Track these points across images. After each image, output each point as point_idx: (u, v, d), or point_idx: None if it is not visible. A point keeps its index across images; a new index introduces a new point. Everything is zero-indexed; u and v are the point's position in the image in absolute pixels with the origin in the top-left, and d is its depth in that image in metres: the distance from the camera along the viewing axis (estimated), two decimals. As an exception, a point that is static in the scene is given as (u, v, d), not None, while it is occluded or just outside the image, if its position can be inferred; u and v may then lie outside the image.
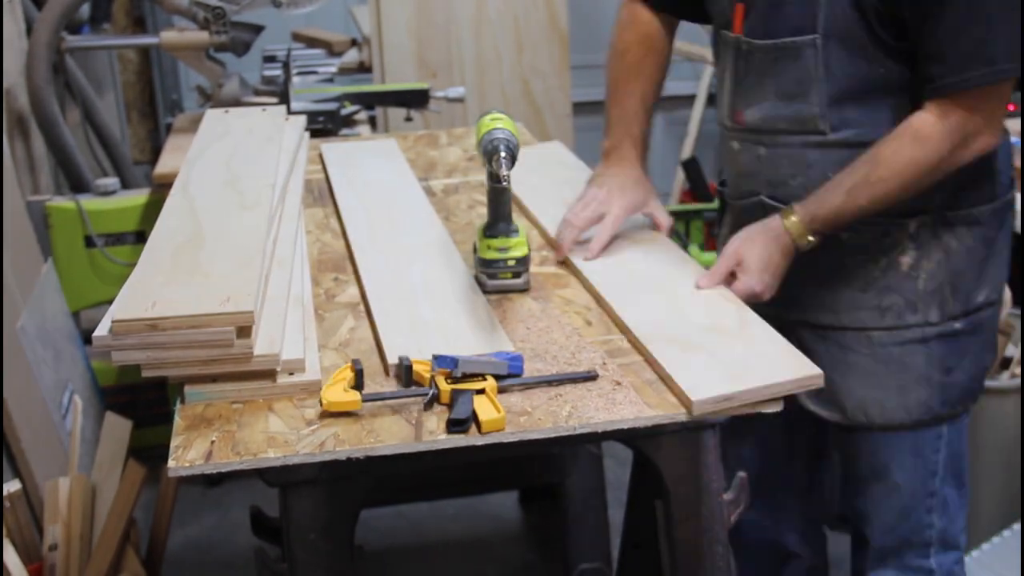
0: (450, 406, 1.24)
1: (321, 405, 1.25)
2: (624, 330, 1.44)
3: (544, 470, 2.22)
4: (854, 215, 1.49)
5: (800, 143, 1.56)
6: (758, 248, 1.51)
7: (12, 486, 1.98)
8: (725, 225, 1.80)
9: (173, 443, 1.21)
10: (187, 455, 1.19)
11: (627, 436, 1.29)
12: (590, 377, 1.32)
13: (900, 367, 1.59)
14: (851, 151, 1.51)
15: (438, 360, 1.27)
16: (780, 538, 1.94)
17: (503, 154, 1.44)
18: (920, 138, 1.43)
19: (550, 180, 2.00)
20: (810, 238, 1.51)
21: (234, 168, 1.78)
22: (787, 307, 1.59)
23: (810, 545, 1.97)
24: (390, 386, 1.33)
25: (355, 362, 1.28)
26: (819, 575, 2.01)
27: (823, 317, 1.63)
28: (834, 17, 1.45)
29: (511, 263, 1.55)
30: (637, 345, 1.39)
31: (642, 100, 1.71)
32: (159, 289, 1.30)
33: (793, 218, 1.51)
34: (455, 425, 1.21)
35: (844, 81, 1.48)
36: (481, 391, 1.26)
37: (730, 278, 1.52)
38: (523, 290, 1.57)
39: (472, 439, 1.23)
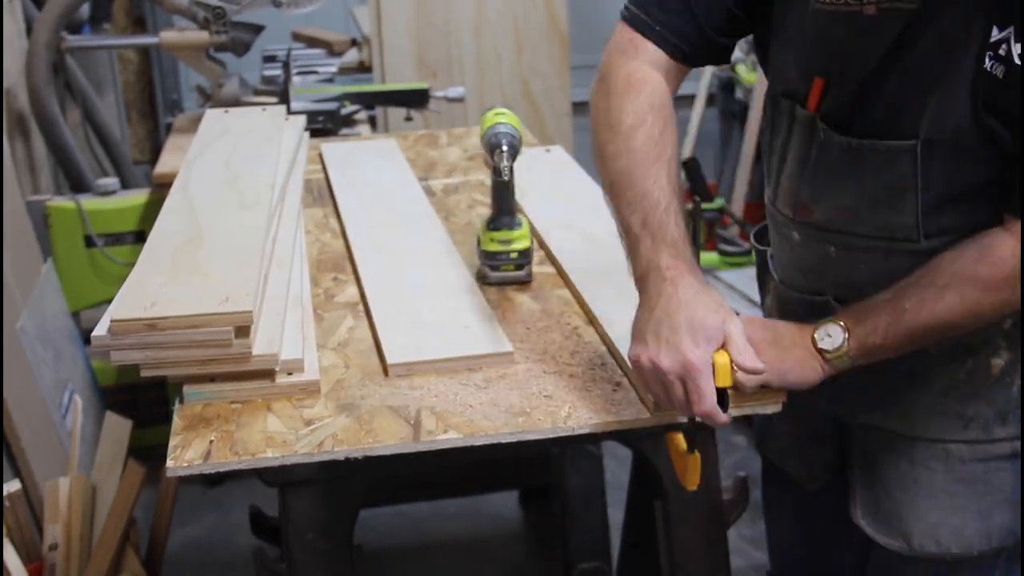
0: None
1: None
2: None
3: (544, 470, 2.23)
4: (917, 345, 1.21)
5: (884, 249, 1.25)
6: (785, 358, 1.21)
7: (12, 486, 1.98)
8: (770, 298, 1.49)
9: (171, 443, 1.21)
10: (186, 455, 1.19)
11: (626, 436, 1.30)
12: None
13: (984, 488, 1.33)
14: None
15: None
16: None
17: (505, 148, 1.49)
18: (990, 252, 1.15)
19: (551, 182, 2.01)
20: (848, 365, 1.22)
21: (233, 168, 1.79)
22: (851, 408, 1.37)
23: None
24: (389, 387, 1.33)
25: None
26: None
27: (892, 423, 1.35)
28: (943, 120, 1.14)
29: (514, 255, 1.57)
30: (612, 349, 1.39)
31: (674, 193, 1.24)
32: (158, 289, 1.30)
33: (839, 348, 1.20)
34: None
35: (945, 188, 1.19)
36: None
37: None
38: (526, 281, 1.60)
39: (472, 439, 1.23)
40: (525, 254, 1.58)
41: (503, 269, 1.58)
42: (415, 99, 2.98)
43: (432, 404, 1.28)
